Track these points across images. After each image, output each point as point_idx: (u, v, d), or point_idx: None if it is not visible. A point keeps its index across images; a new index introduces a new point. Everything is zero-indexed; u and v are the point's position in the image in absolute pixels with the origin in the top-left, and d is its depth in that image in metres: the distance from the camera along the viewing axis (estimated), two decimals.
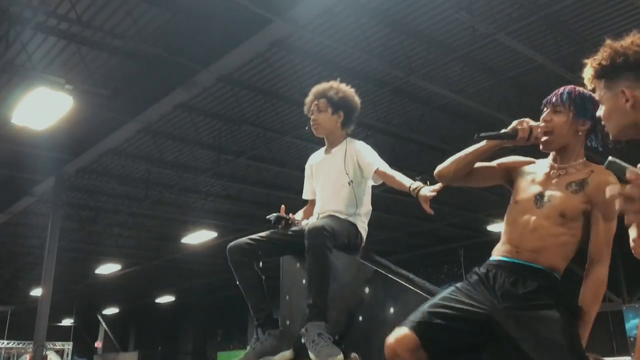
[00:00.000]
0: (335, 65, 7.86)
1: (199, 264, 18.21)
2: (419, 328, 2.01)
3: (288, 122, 9.13)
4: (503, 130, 2.24)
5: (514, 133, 2.20)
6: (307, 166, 3.21)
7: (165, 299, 24.37)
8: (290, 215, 3.05)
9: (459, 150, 2.34)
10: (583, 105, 2.15)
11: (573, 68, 7.48)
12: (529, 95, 8.26)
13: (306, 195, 3.23)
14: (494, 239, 2.24)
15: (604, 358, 12.68)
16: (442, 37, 7.36)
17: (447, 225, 14.85)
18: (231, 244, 2.88)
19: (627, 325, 12.80)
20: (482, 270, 2.15)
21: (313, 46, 7.47)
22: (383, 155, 3.01)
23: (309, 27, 6.80)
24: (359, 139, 3.12)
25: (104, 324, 27.87)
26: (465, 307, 2.03)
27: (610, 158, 1.20)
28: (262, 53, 7.51)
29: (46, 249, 11.24)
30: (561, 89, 2.22)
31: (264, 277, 2.86)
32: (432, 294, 2.28)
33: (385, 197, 11.83)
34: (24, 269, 17.99)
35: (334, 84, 3.10)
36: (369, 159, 2.91)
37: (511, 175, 2.31)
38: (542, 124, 2.18)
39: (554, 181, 2.15)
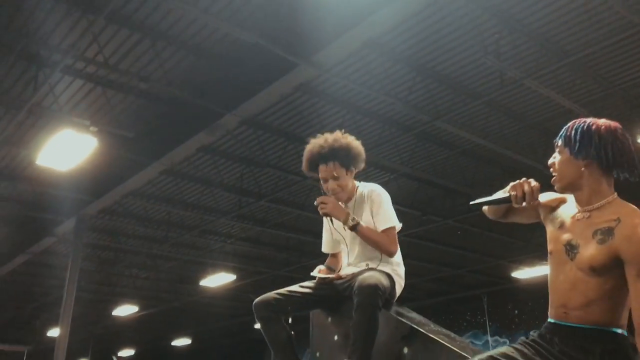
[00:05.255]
0: (359, 108, 7.82)
1: (216, 307, 17.99)
2: None
3: None
4: (497, 196, 2.12)
5: (508, 198, 2.07)
6: (324, 222, 3.04)
7: (182, 341, 24.06)
8: (335, 274, 2.90)
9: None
10: (577, 140, 1.98)
11: (602, 113, 7.34)
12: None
13: (327, 249, 3.08)
14: (518, 286, 2.09)
15: None
16: (468, 82, 7.30)
17: (470, 272, 14.53)
18: (258, 299, 2.75)
19: None
20: (539, 334, 1.98)
21: (337, 89, 7.45)
22: (407, 199, 2.90)
23: (334, 70, 6.79)
24: (381, 182, 2.97)
25: None
26: None
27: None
28: (286, 96, 7.51)
29: (65, 289, 11.15)
30: (563, 129, 2.10)
31: (292, 332, 2.72)
32: (475, 354, 2.11)
33: (408, 241, 11.64)
34: (42, 309, 17.90)
35: (334, 140, 2.83)
36: (381, 217, 2.78)
37: (543, 218, 2.16)
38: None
39: (581, 226, 1.96)
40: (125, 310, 17.44)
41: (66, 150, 7.50)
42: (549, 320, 2.01)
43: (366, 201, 2.83)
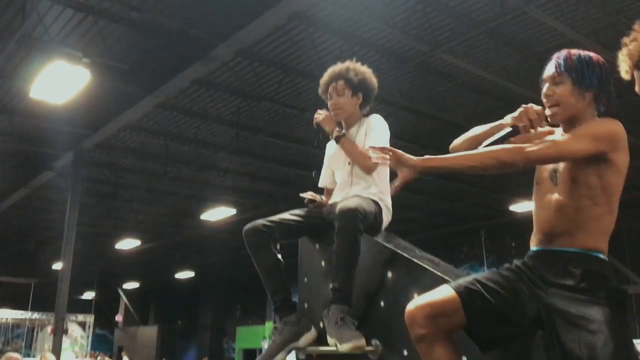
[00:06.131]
0: (357, 39, 7.63)
1: (218, 240, 18.25)
2: (466, 294, 1.86)
3: (308, 99, 8.95)
4: (503, 133, 2.07)
5: (514, 130, 2.03)
6: (326, 156, 3.11)
7: (185, 274, 24.58)
8: (324, 197, 2.98)
9: None
10: (583, 71, 1.97)
11: (606, 43, 7.16)
12: None
13: (323, 182, 3.10)
14: (516, 219, 2.10)
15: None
16: (469, 10, 7.08)
17: (468, 205, 14.62)
18: (247, 226, 2.76)
19: None
20: (522, 262, 1.99)
21: (334, 19, 7.25)
22: (405, 133, 2.89)
23: None
24: (380, 115, 2.99)
25: (124, 298, 28.27)
26: (510, 295, 1.87)
27: None
28: (282, 26, 7.31)
29: (66, 223, 11.31)
30: (555, 59, 2.03)
31: (282, 259, 2.75)
32: (458, 278, 2.12)
33: None
34: (45, 242, 18.21)
35: (351, 64, 2.98)
36: (372, 137, 2.81)
37: None
38: (545, 101, 2.03)
39: None
40: (128, 243, 17.73)
41: (59, 82, 7.41)
42: (532, 249, 2.03)
43: (365, 126, 2.87)
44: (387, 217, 2.85)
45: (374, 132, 2.85)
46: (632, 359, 1.72)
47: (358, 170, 2.84)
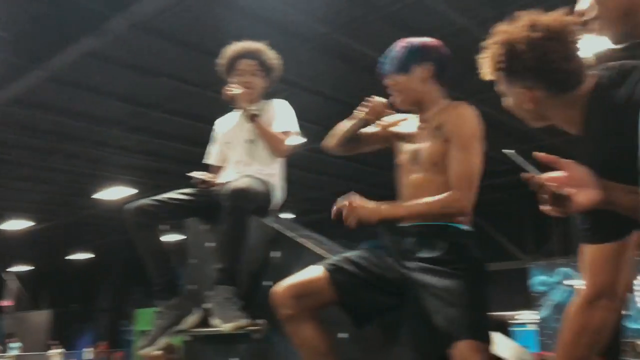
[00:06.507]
0: (259, 17, 7.55)
1: (118, 220, 17.52)
2: (334, 270, 1.94)
3: (209, 76, 8.73)
4: (354, 117, 2.25)
5: (364, 122, 2.21)
6: (217, 133, 3.08)
7: (83, 256, 23.59)
8: (213, 177, 2.95)
9: None
10: (416, 56, 2.20)
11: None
12: (455, 59, 8.30)
13: (212, 159, 3.07)
14: None
15: (510, 313, 13.38)
16: None
17: (368, 185, 15.01)
18: (130, 204, 2.71)
19: (532, 282, 13.53)
20: (388, 236, 2.09)
21: None
22: (308, 114, 2.95)
23: None
24: (282, 97, 3.02)
25: (15, 281, 26.69)
26: (378, 269, 1.97)
27: (511, 152, 1.22)
28: (181, 0, 7.09)
29: None
30: (387, 54, 2.22)
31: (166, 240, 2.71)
32: None
33: (309, 155, 11.76)
34: None
35: (263, 46, 3.00)
36: (283, 120, 2.84)
37: (391, 138, 2.28)
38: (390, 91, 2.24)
39: (423, 133, 2.15)
40: (17, 224, 16.72)
41: None
42: (397, 224, 2.13)
43: (270, 109, 2.88)
44: (278, 198, 2.88)
45: (283, 116, 2.85)
46: (487, 329, 1.86)
47: (259, 150, 2.84)
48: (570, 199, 1.12)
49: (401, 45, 2.15)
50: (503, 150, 1.27)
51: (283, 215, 2.84)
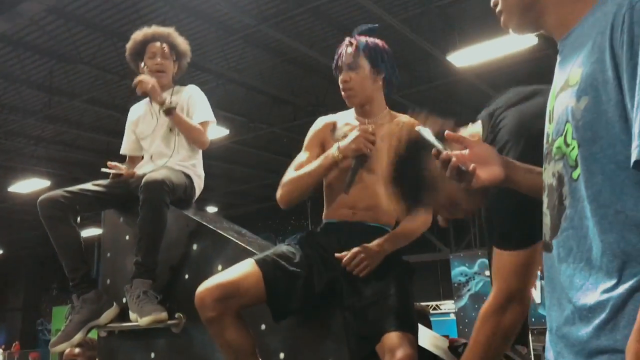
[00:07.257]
0: (183, 6, 7.39)
1: (31, 214, 16.70)
2: (266, 265, 1.91)
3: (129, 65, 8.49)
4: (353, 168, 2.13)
5: (364, 158, 2.08)
6: (130, 122, 2.95)
7: None
8: (129, 170, 2.81)
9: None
10: (376, 57, 2.14)
11: (418, 29, 7.75)
12: None
13: (126, 150, 2.96)
14: None
15: (433, 303, 13.78)
16: None
17: None
18: (43, 196, 2.58)
19: (453, 273, 14.01)
20: (322, 232, 2.11)
21: None
22: (234, 106, 2.88)
23: None
24: (208, 87, 2.95)
25: None
26: (308, 264, 1.97)
27: (425, 129, 1.24)
28: None
29: None
30: (348, 45, 2.15)
31: (80, 233, 2.60)
32: (264, 250, 2.19)
33: (235, 148, 11.65)
34: None
35: (172, 31, 2.90)
36: (199, 110, 2.77)
37: (327, 146, 2.20)
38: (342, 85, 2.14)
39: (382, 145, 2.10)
40: None
41: None
42: (328, 221, 2.15)
43: (183, 97, 2.78)
44: (198, 190, 2.83)
45: (200, 106, 2.78)
46: (414, 321, 1.92)
47: (182, 142, 2.76)
48: (474, 175, 1.16)
49: (359, 42, 2.08)
50: (416, 128, 1.29)
51: (206, 209, 2.77)
